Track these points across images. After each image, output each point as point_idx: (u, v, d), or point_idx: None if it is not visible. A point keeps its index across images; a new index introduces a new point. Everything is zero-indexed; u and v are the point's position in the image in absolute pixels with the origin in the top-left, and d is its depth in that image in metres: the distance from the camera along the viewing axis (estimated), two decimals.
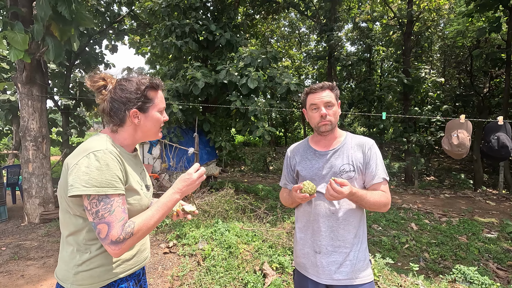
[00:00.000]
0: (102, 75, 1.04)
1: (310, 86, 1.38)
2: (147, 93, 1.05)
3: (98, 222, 0.90)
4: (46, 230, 4.19)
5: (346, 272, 1.28)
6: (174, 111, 5.64)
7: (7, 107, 7.89)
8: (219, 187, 6.29)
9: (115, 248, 0.91)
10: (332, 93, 1.34)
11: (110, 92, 1.03)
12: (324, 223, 1.31)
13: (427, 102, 10.60)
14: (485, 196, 7.20)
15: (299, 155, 1.45)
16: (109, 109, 1.03)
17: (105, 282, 1.00)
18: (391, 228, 4.86)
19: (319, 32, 10.59)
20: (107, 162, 0.93)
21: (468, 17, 7.27)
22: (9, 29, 3.60)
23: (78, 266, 0.97)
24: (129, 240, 0.92)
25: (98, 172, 0.91)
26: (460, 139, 3.59)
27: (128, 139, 1.07)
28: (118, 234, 0.90)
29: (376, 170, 1.32)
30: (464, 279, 2.83)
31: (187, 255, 3.18)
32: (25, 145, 4.44)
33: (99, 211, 0.90)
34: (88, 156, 0.93)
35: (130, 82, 1.04)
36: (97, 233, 0.91)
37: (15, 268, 3.13)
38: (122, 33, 9.41)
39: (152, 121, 1.07)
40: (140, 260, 1.12)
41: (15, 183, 5.76)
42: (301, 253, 1.38)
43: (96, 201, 0.91)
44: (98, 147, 0.95)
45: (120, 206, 0.93)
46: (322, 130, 1.34)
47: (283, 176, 1.53)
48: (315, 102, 1.33)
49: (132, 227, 0.93)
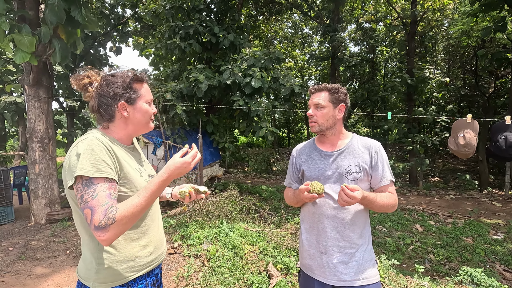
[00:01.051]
0: (86, 73, 1.05)
1: (312, 87, 1.43)
2: (133, 85, 1.06)
3: (84, 207, 0.88)
4: (53, 230, 4.23)
5: (352, 272, 1.28)
6: (178, 112, 5.66)
7: (13, 109, 7.99)
8: (223, 188, 6.31)
9: (100, 235, 0.86)
10: (329, 95, 1.35)
11: (96, 88, 1.05)
12: (329, 223, 1.31)
13: (431, 102, 10.54)
14: (491, 197, 7.13)
15: (305, 155, 1.45)
16: (97, 105, 1.04)
17: (125, 280, 1.01)
18: (396, 230, 4.83)
19: (322, 33, 10.58)
20: (92, 147, 0.93)
21: (473, 17, 7.21)
22: (17, 32, 3.65)
23: (99, 265, 0.98)
24: (113, 227, 0.87)
25: (82, 157, 0.91)
26: (466, 139, 3.56)
27: (120, 133, 1.07)
28: (100, 219, 0.86)
29: (383, 173, 1.33)
30: (470, 281, 2.80)
31: (192, 256, 3.19)
32: (32, 146, 4.49)
33: (83, 195, 0.89)
34: (76, 145, 0.95)
35: (115, 77, 1.05)
36: (85, 219, 0.90)
37: (22, 268, 3.17)
38: (126, 35, 9.49)
39: (141, 112, 1.07)
40: (157, 257, 1.13)
41: (21, 184, 5.82)
42: (307, 254, 1.38)
43: (81, 186, 0.90)
44: (85, 137, 0.97)
45: (104, 191, 0.90)
46: (311, 131, 1.41)
47: (288, 176, 1.53)
48: (308, 103, 1.41)
49: (114, 213, 0.87)
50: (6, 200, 4.57)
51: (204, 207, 4.43)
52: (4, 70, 7.81)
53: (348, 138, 1.40)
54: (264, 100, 6.27)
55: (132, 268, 1.02)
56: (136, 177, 1.04)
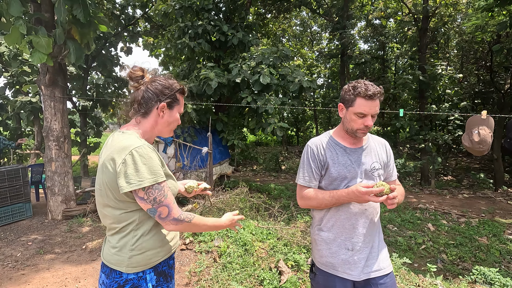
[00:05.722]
0: (142, 68, 1.17)
1: (364, 89, 1.24)
2: (177, 94, 1.19)
3: (158, 206, 1.05)
4: (69, 226, 4.36)
5: (374, 264, 1.33)
6: (188, 111, 5.73)
7: (28, 109, 8.23)
8: (233, 186, 6.36)
9: (177, 223, 1.08)
10: (380, 101, 1.29)
11: (146, 83, 1.16)
12: (357, 220, 1.33)
13: (444, 99, 10.30)
14: (506, 196, 6.95)
15: (328, 150, 1.37)
16: (141, 97, 1.14)
17: (154, 263, 1.13)
18: (407, 229, 4.77)
19: (332, 30, 10.47)
20: (149, 155, 1.05)
21: (488, 11, 7.01)
22: (33, 34, 3.77)
23: (132, 250, 1.08)
24: (185, 224, 1.10)
25: (146, 165, 1.03)
26: (481, 136, 3.49)
27: (149, 131, 1.17)
28: (179, 213, 1.08)
29: (393, 169, 1.44)
30: (484, 281, 2.76)
31: (203, 252, 3.24)
32: (48, 144, 4.63)
33: (156, 197, 1.04)
34: (131, 153, 1.03)
35: (166, 80, 1.18)
36: (157, 215, 1.06)
37: (41, 262, 3.29)
38: (136, 35, 9.64)
39: (172, 118, 1.19)
40: (176, 243, 1.26)
41: (38, 181, 6.01)
42: (328, 252, 1.36)
43: (152, 190, 1.04)
44: (137, 143, 1.05)
45: (169, 191, 1.09)
46: (359, 136, 1.33)
47: (305, 173, 1.37)
48: (365, 112, 1.26)
49: (192, 217, 1.12)
50: (24, 197, 4.73)
51: (214, 205, 4.49)
52: (20, 71, 8.05)
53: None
54: (273, 97, 6.26)
55: (160, 253, 1.15)
56: (170, 174, 1.21)
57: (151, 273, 1.11)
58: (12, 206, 4.56)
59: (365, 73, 12.24)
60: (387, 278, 1.32)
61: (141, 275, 1.09)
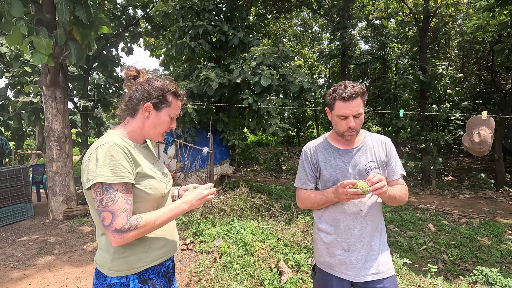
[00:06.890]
0: (138, 68, 1.16)
1: (341, 90, 1.25)
2: (167, 96, 1.14)
3: (102, 210, 0.97)
4: (70, 226, 4.37)
5: (372, 266, 1.31)
6: (189, 111, 5.74)
7: (30, 109, 8.25)
8: (233, 186, 6.36)
9: (117, 236, 0.96)
10: (362, 100, 1.27)
11: (137, 83, 1.14)
12: (352, 221, 1.32)
13: (445, 100, 10.29)
14: (507, 197, 6.93)
15: (321, 153, 1.40)
16: (129, 96, 1.13)
17: (138, 269, 1.08)
18: (408, 229, 4.76)
19: (332, 30, 10.45)
20: (111, 153, 0.99)
21: (489, 11, 7.00)
22: (34, 35, 3.79)
23: (113, 254, 1.05)
24: (133, 232, 0.98)
25: (102, 163, 0.98)
26: (482, 136, 3.48)
27: (136, 131, 1.14)
28: (123, 224, 0.96)
29: (395, 167, 1.38)
30: (485, 281, 2.75)
31: (204, 252, 3.25)
32: (50, 145, 4.65)
33: (103, 199, 0.97)
34: (96, 150, 1.01)
35: (157, 81, 1.14)
36: (101, 220, 0.98)
37: (42, 262, 3.30)
38: (137, 36, 9.66)
39: (160, 120, 1.13)
40: (169, 250, 1.19)
41: (39, 182, 6.03)
42: (326, 252, 1.38)
43: (100, 190, 0.97)
44: (104, 141, 1.03)
45: (123, 197, 0.99)
46: (347, 138, 1.32)
47: (301, 176, 1.44)
48: (344, 114, 1.25)
49: (139, 220, 0.99)
50: (25, 197, 4.75)
51: (215, 205, 4.49)
52: (22, 71, 8.08)
53: (362, 135, 1.41)
54: (274, 98, 6.26)
55: (144, 259, 1.09)
56: (150, 175, 1.11)
57: (135, 280, 1.07)
58: (13, 206, 4.58)
59: (366, 73, 12.23)
60: (387, 282, 1.30)
61: (124, 281, 1.05)
